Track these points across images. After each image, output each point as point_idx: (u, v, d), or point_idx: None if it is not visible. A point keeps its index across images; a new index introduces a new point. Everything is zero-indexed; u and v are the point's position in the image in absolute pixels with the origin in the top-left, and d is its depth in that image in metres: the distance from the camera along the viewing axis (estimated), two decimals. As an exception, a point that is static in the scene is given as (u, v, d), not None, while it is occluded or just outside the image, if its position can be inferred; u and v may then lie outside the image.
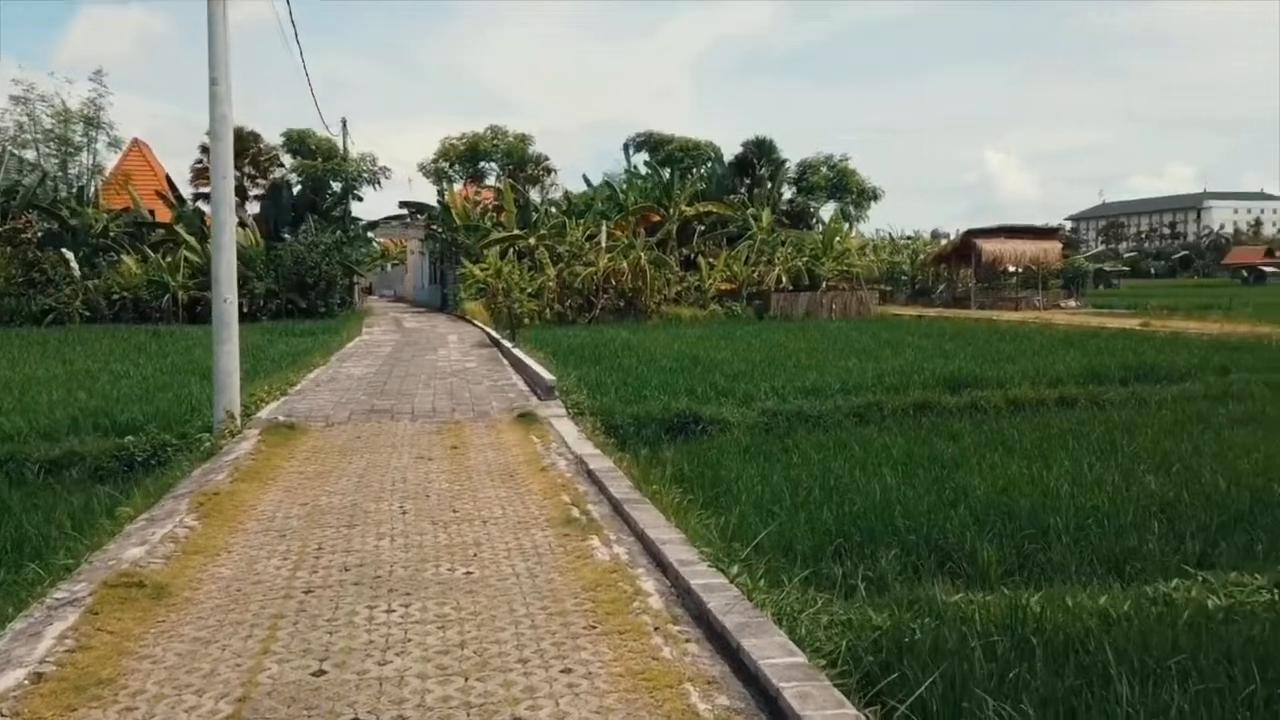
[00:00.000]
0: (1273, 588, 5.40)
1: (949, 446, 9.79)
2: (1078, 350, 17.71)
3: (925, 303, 40.93)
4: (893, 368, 14.99)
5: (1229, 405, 12.19)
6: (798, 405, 12.01)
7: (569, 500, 6.84)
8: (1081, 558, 6.17)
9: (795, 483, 8.26)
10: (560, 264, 30.04)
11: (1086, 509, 7.08)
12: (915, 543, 6.47)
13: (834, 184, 40.16)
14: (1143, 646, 4.33)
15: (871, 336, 21.99)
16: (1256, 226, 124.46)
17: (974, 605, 4.98)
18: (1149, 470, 8.34)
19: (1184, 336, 20.85)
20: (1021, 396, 12.68)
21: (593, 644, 4.26)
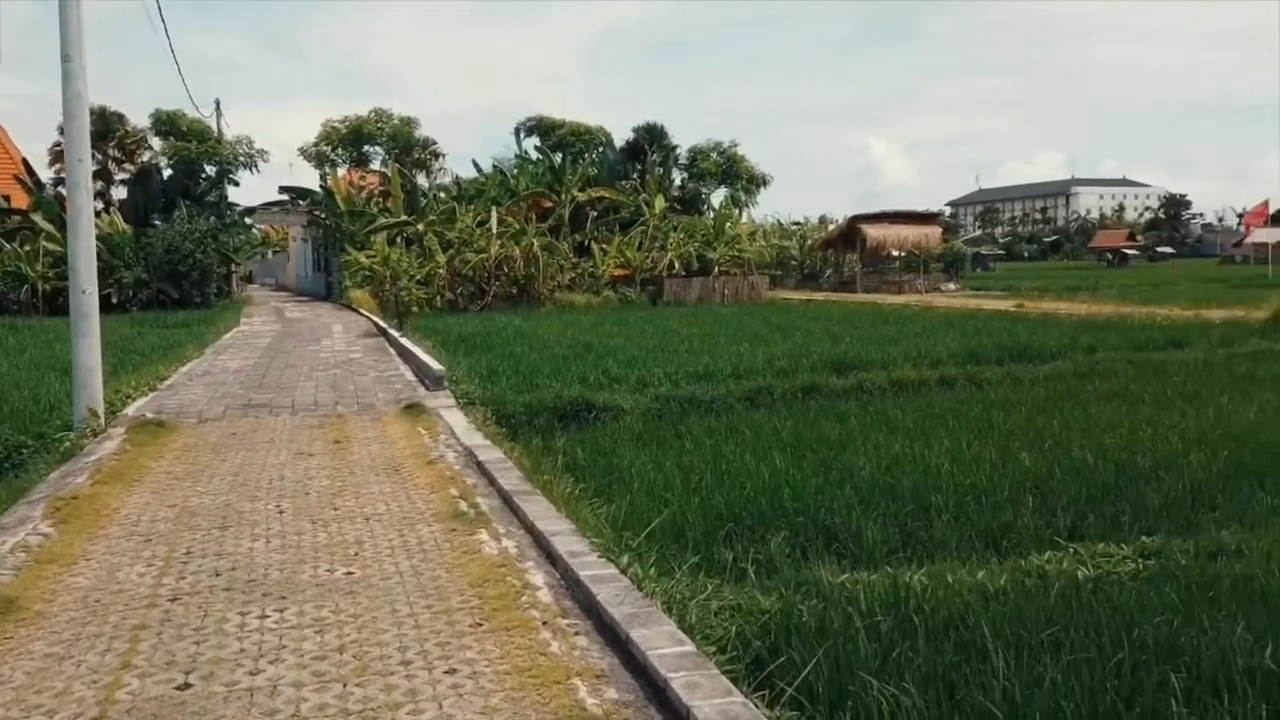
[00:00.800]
0: (1137, 557, 5.67)
1: (836, 428, 9.99)
2: (957, 332, 18.36)
3: (814, 287, 41.82)
4: (782, 352, 15.23)
5: (1095, 382, 12.83)
6: (690, 391, 12.07)
7: (457, 494, 6.67)
8: (961, 534, 6.36)
9: (688, 468, 8.28)
10: (450, 251, 29.48)
11: (965, 486, 7.31)
12: (804, 524, 6.56)
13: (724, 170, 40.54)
14: (1018, 620, 4.47)
15: (762, 321, 22.32)
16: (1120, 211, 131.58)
17: (859, 585, 5.06)
18: (1023, 447, 8.68)
19: (1054, 317, 21.87)
20: (904, 378, 13.05)
21: (479, 642, 4.14)
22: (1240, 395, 11.30)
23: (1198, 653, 4.08)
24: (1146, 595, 4.88)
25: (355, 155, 40.88)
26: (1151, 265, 75.19)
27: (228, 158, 35.82)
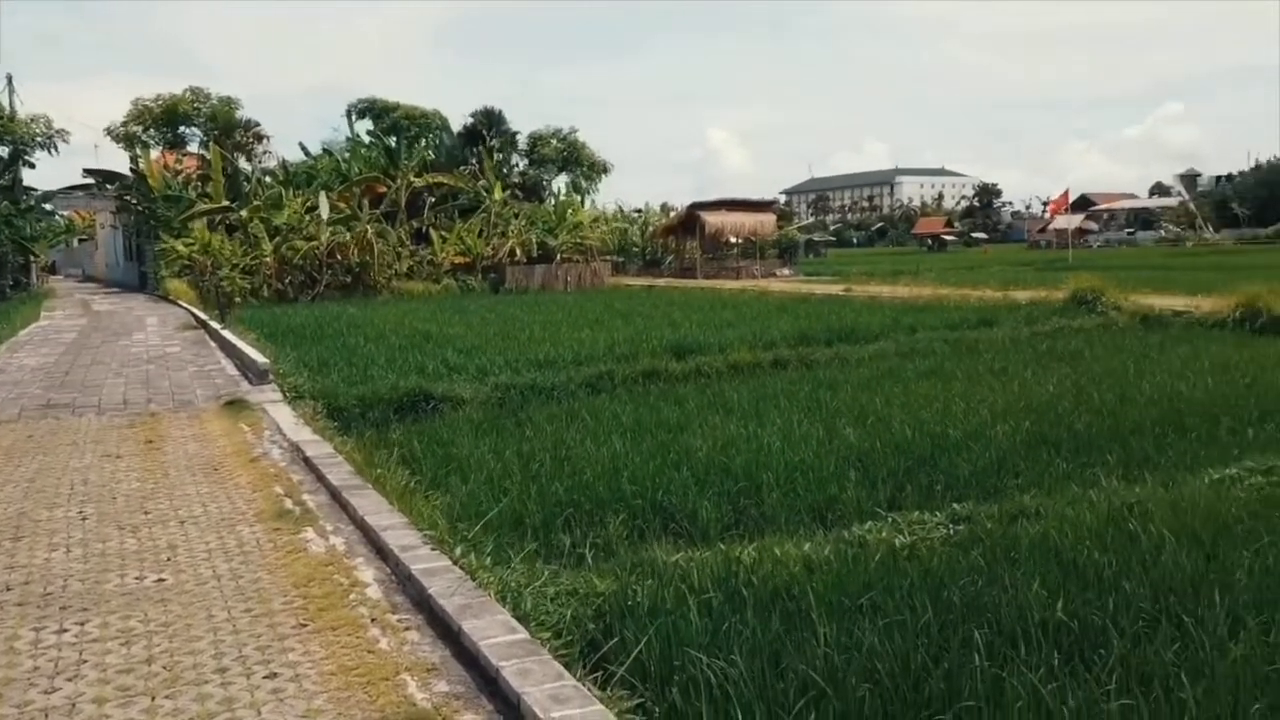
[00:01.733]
0: (948, 523, 6.04)
1: (675, 411, 10.16)
2: (790, 315, 19.02)
3: (655, 273, 42.37)
4: (624, 337, 15.36)
5: (915, 361, 13.58)
6: (531, 378, 12.00)
7: (282, 491, 6.38)
8: (791, 508, 6.59)
9: (528, 456, 8.23)
10: (278, 238, 28.13)
11: (795, 463, 7.59)
12: (642, 506, 6.64)
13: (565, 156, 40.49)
14: (840, 588, 4.68)
15: (604, 307, 22.43)
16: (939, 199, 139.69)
17: (693, 563, 5.17)
18: (849, 424, 9.08)
19: (879, 300, 22.99)
20: (741, 360, 13.42)
21: (302, 644, 3.97)
22: (1042, 370, 12.21)
23: (999, 609, 4.39)
24: (956, 558, 5.20)
25: (170, 137, 38.37)
26: (967, 250, 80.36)
27: (22, 138, 32.83)
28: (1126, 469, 7.23)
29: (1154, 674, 3.77)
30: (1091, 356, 13.17)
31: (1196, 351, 13.12)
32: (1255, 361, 12.01)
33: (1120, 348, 13.99)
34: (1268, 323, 15.87)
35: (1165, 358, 12.72)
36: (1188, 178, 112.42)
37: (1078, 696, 3.56)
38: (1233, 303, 16.80)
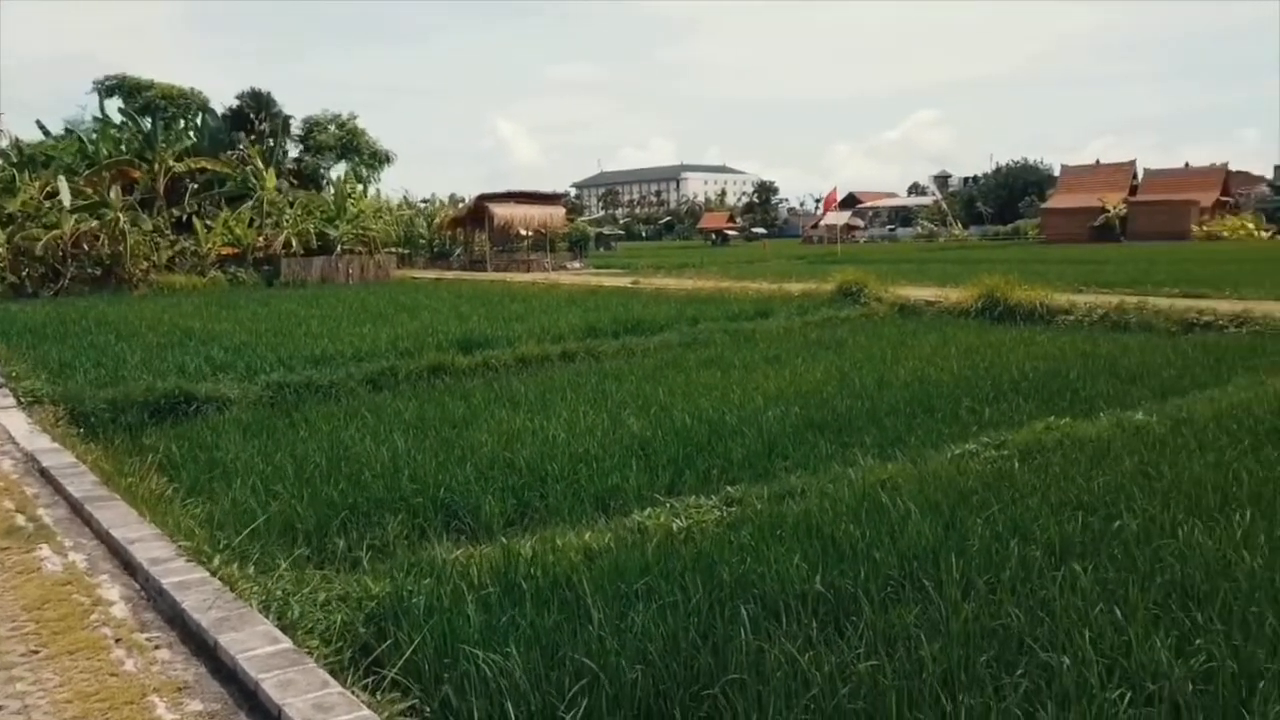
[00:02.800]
0: (722, 505, 6.30)
1: (461, 406, 10.01)
2: (579, 308, 19.20)
3: (444, 266, 41.56)
4: (408, 331, 14.96)
5: (697, 351, 14.08)
6: (307, 376, 11.46)
7: (13, 506, 5.75)
8: (574, 499, 6.65)
9: (302, 458, 7.84)
10: (12, 226, 25.27)
11: (580, 454, 7.67)
12: (423, 505, 6.49)
13: (344, 144, 38.81)
14: (617, 574, 4.78)
15: (389, 301, 21.76)
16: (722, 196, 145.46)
17: (472, 559, 5.12)
18: (633, 413, 9.29)
19: (665, 292, 23.66)
20: (529, 353, 13.41)
21: (33, 672, 3.61)
22: (811, 358, 12.99)
23: (764, 584, 4.63)
24: (727, 539, 5.43)
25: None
26: (748, 244, 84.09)
27: None
28: (882, 448, 7.81)
29: (898, 635, 4.10)
30: (855, 344, 14.14)
31: (945, 338, 14.38)
32: (993, 346, 13.30)
33: (880, 336, 15.11)
34: (1004, 311, 17.64)
35: (918, 344, 13.85)
36: (940, 178, 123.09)
37: (831, 661, 3.82)
38: (976, 293, 18.54)
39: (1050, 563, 4.91)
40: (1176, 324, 15.34)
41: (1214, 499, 5.92)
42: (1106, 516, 5.64)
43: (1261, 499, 5.87)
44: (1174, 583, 4.60)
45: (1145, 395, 9.74)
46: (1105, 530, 5.38)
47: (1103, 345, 13.22)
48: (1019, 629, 4.13)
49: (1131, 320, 15.87)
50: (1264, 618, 4.15)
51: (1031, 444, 7.65)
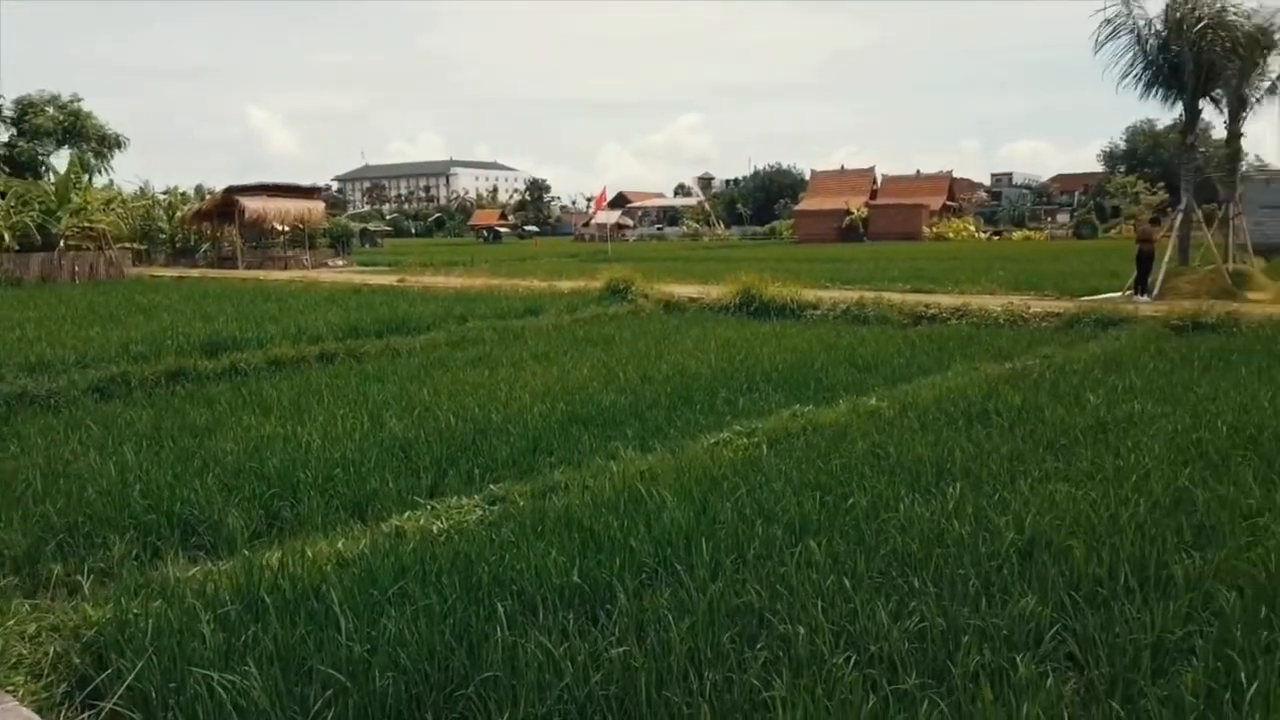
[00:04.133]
0: (485, 504, 6.26)
1: (204, 413, 9.33)
2: (340, 307, 18.42)
3: (189, 263, 38.51)
4: (143, 335, 13.76)
5: (465, 349, 13.90)
6: (20, 385, 10.28)
7: None
8: (329, 507, 6.37)
9: (11, 476, 7.02)
10: None
11: (335, 459, 7.36)
12: (156, 521, 5.99)
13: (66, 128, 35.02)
14: (370, 580, 4.63)
15: (122, 301, 19.91)
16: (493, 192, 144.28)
17: (211, 576, 4.78)
18: (395, 415, 9.03)
19: (433, 290, 23.17)
20: (283, 355, 12.71)
21: None
22: (579, 354, 13.16)
23: (522, 580, 4.64)
24: (489, 537, 5.41)
25: None
26: (521, 242, 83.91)
27: None
28: (643, 440, 8.05)
29: (650, 620, 4.24)
30: (621, 340, 14.47)
31: (705, 334, 15.01)
32: (749, 341, 14.04)
33: (646, 332, 15.55)
34: (760, 307, 18.67)
35: (681, 339, 14.38)
36: (704, 180, 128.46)
37: (584, 650, 3.89)
38: (734, 291, 19.50)
39: (790, 540, 5.25)
40: (907, 317, 16.84)
41: (931, 474, 6.55)
42: (842, 495, 6.10)
43: (970, 472, 6.56)
44: (895, 552, 5.05)
45: (879, 382, 10.61)
46: (839, 507, 5.82)
47: (844, 337, 14.29)
48: (760, 605, 4.38)
49: (870, 314, 17.25)
50: (968, 579, 4.64)
51: (779, 431, 8.14)
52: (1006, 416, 8.37)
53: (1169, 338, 13.34)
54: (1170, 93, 19.78)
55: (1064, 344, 13.32)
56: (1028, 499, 5.87)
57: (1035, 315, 16.20)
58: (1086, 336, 14.15)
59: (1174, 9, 19.14)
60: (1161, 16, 19.33)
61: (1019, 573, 4.74)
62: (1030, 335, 14.47)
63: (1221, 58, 18.70)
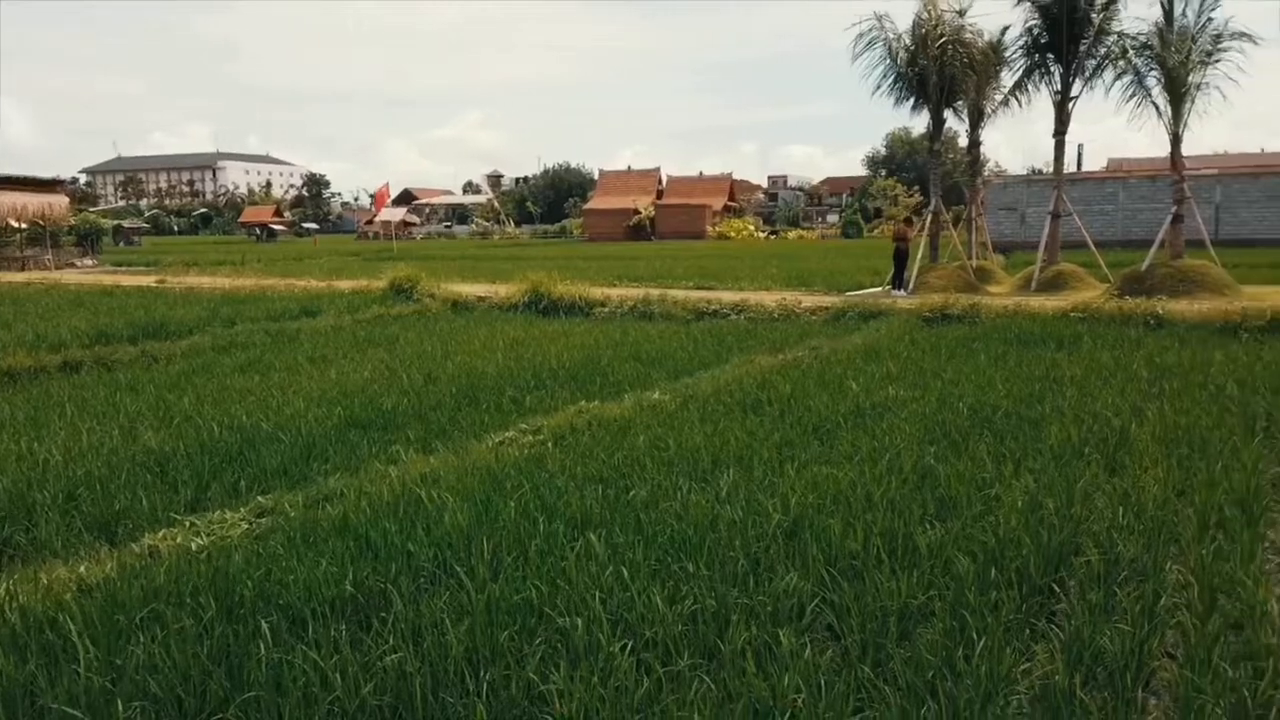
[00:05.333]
0: (252, 517, 5.91)
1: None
2: (89, 311, 16.86)
3: (-97, 265, 33.93)
4: None
5: (233, 354, 13.06)
6: None
7: None
8: (71, 529, 5.81)
9: None
10: None
11: (79, 477, 6.72)
12: None
13: None
14: (116, 606, 4.26)
15: None
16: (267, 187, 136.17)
17: (-79, 616, 4.23)
18: (150, 427, 8.35)
19: (198, 291, 21.63)
20: (17, 365, 11.47)
21: None
22: (359, 356, 12.69)
23: (289, 594, 4.42)
24: (254, 551, 5.11)
25: None
26: (298, 240, 79.88)
27: None
28: (426, 442, 7.87)
29: (427, 624, 4.16)
30: (406, 341, 14.09)
31: (494, 332, 14.88)
32: (537, 339, 14.05)
33: (432, 332, 15.22)
34: (549, 305, 18.74)
35: (468, 339, 14.18)
36: (493, 178, 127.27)
37: (356, 661, 3.75)
38: (523, 289, 19.46)
39: (572, 534, 5.30)
40: (691, 313, 17.43)
41: (708, 463, 6.81)
42: (624, 487, 6.23)
43: (743, 460, 6.87)
44: (672, 539, 5.21)
45: (663, 376, 10.92)
46: (621, 499, 5.94)
47: (631, 333, 14.59)
48: (540, 600, 4.40)
49: (655, 310, 17.71)
50: (737, 560, 4.87)
51: (565, 427, 8.20)
52: (778, 405, 8.83)
53: (921, 328, 14.54)
54: (918, 103, 21.54)
55: (831, 336, 14.23)
56: (794, 482, 6.22)
57: (806, 310, 17.21)
58: (851, 329, 15.18)
59: (919, 26, 20.88)
60: (910, 32, 21.03)
61: (784, 552, 5.02)
62: (801, 328, 15.34)
63: (960, 72, 20.58)
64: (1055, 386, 9.41)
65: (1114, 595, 4.44)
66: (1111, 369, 10.33)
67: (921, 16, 20.90)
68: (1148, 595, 4.38)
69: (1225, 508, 5.61)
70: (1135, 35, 19.01)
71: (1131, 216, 40.72)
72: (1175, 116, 18.41)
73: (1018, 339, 12.80)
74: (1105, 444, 7.11)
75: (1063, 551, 4.95)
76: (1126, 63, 19.01)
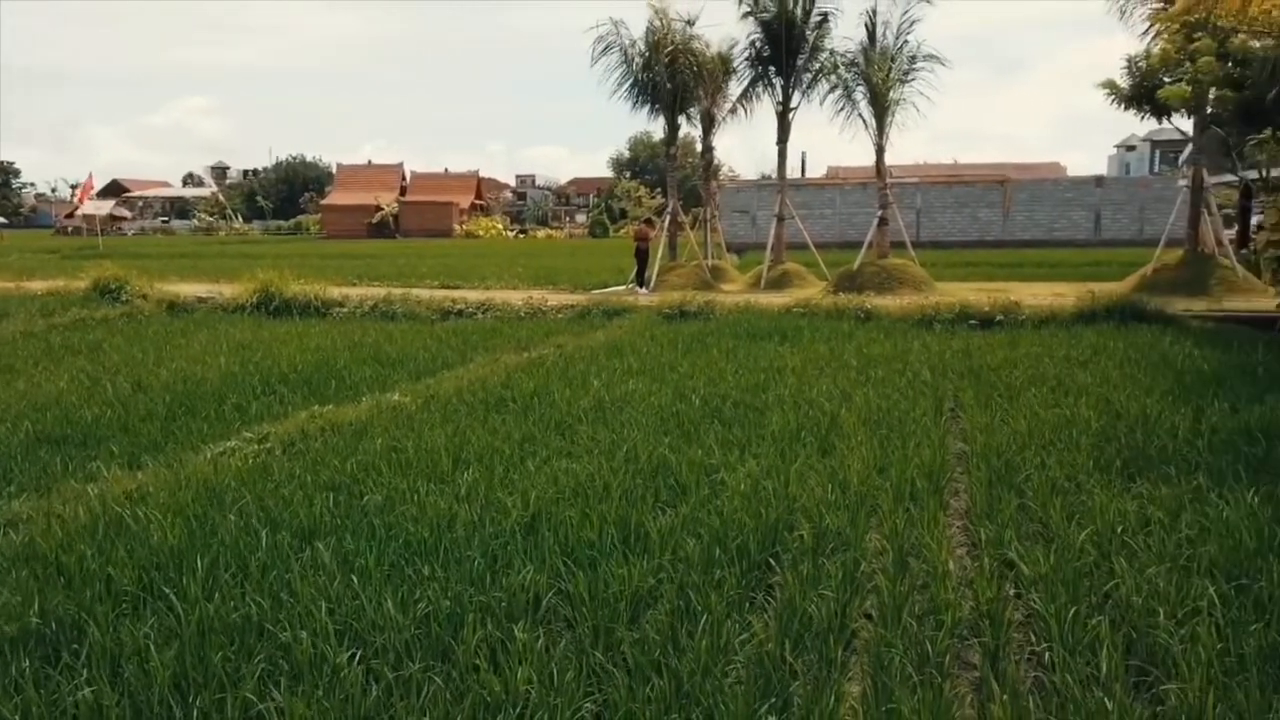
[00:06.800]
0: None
1: None
2: None
3: None
4: None
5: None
6: None
7: None
8: None
9: None
10: None
11: None
12: None
13: None
14: None
15: None
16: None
17: None
18: None
19: None
20: None
21: None
22: (54, 365, 11.38)
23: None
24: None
25: None
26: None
27: None
28: (133, 456, 7.19)
29: (128, 652, 3.80)
30: (112, 347, 12.80)
31: (216, 336, 13.84)
32: (266, 342, 13.21)
33: (143, 336, 13.93)
34: (281, 306, 17.70)
35: (187, 344, 13.10)
36: (218, 170, 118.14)
37: (40, 700, 3.36)
38: (252, 289, 18.25)
39: (299, 545, 5.05)
40: (436, 312, 17.10)
41: (449, 463, 6.71)
42: (357, 493, 6.01)
43: (484, 458, 6.84)
44: (408, 543, 5.09)
45: (404, 378, 10.63)
46: (354, 506, 5.72)
47: (371, 334, 14.09)
48: (261, 616, 4.15)
49: (398, 310, 17.22)
50: (474, 559, 4.83)
51: (296, 433, 7.79)
52: (521, 402, 8.86)
53: (661, 324, 15.12)
54: (654, 108, 22.40)
55: (576, 333, 14.48)
56: (534, 478, 6.27)
57: (552, 308, 17.40)
58: (596, 326, 15.51)
59: (651, 34, 21.71)
60: (644, 39, 21.81)
61: (522, 547, 5.05)
62: (548, 326, 15.49)
63: (691, 80, 21.61)
64: (778, 376, 10.11)
65: (822, 565, 4.84)
66: (827, 359, 11.24)
67: (654, 25, 21.74)
68: (849, 564, 4.81)
69: (917, 480, 6.27)
70: (844, 53, 20.84)
71: (847, 220, 44.53)
72: (879, 128, 20.37)
73: (747, 333, 13.62)
74: (819, 428, 7.73)
75: (779, 528, 5.33)
76: (838, 78, 20.78)
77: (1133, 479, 6.28)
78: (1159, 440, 7.07)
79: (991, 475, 6.35)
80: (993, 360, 11.02)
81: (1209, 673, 3.64)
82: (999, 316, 14.85)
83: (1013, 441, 7.22)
